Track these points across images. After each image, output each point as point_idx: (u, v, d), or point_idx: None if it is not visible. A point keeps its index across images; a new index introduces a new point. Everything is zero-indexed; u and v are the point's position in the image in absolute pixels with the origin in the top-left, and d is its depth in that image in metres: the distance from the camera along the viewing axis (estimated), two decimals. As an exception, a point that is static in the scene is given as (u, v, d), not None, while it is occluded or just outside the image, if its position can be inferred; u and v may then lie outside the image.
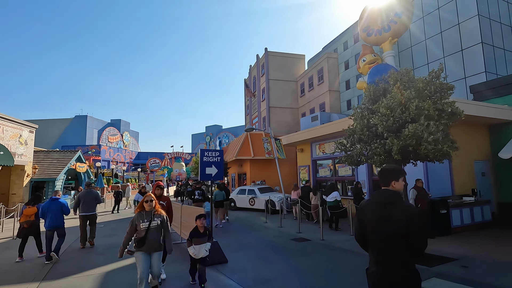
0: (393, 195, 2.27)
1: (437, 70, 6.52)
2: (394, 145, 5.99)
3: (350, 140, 7.40)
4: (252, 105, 27.59)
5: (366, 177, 12.37)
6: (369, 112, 7.27)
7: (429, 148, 5.65)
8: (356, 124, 7.33)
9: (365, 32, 13.53)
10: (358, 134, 7.13)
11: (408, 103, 6.29)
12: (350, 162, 7.58)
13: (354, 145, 7.33)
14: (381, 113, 6.61)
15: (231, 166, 26.97)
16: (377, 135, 6.88)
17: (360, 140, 7.13)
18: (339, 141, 7.74)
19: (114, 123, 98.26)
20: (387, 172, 2.42)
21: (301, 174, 17.08)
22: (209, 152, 6.94)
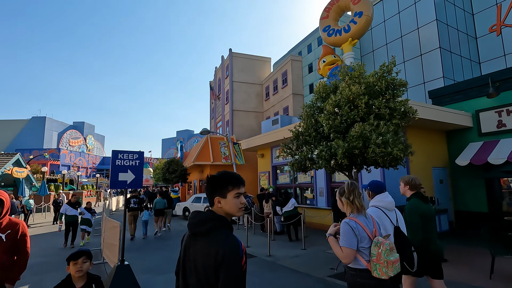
0: (208, 221, 1.46)
1: (388, 63, 5.78)
2: (339, 148, 5.11)
3: (296, 143, 6.47)
4: (216, 108, 26.42)
5: (324, 184, 11.60)
6: (317, 111, 6.40)
7: (377, 151, 4.82)
8: (302, 124, 6.44)
9: (325, 32, 12.98)
10: (304, 135, 6.22)
11: (357, 99, 5.47)
12: (297, 168, 6.64)
13: (301, 148, 6.41)
14: (327, 111, 5.74)
15: (191, 172, 25.51)
16: (324, 137, 6.01)
17: (305, 142, 6.22)
18: (283, 144, 6.81)
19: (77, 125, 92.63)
20: (213, 182, 1.56)
21: (261, 180, 16.10)
22: (124, 154, 5.68)
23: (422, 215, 3.13)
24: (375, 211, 2.81)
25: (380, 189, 2.96)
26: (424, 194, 7.57)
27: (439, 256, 3.20)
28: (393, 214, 2.85)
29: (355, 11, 12.08)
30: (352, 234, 2.27)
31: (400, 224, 2.83)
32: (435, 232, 3.26)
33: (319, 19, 13.62)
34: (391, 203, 2.86)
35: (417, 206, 3.18)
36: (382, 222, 2.72)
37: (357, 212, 2.41)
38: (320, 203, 11.68)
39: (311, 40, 19.15)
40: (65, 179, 38.25)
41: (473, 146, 10.31)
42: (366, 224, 2.35)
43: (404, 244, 2.63)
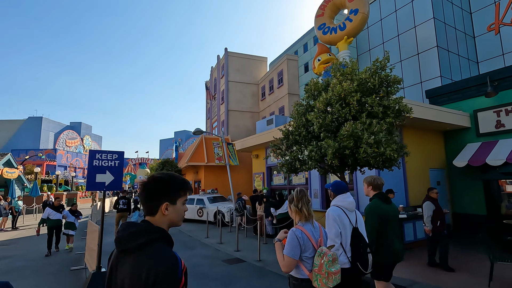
0: (142, 234, 1.21)
1: (382, 59, 5.49)
2: (329, 148, 4.81)
3: (285, 143, 6.17)
4: (212, 108, 26.12)
5: (318, 186, 11.30)
6: (308, 110, 6.11)
7: (368, 151, 4.52)
8: (293, 123, 6.14)
9: (320, 30, 12.70)
10: (293, 135, 5.92)
11: (349, 97, 5.18)
12: (287, 169, 6.34)
13: (291, 149, 6.10)
14: (317, 109, 5.44)
15: (186, 173, 25.16)
16: (315, 136, 5.72)
17: (295, 142, 5.91)
18: (272, 144, 6.50)
19: (74, 126, 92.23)
20: (162, 185, 1.31)
21: (255, 182, 15.78)
22: (102, 154, 5.36)
23: (381, 216, 3.09)
24: (336, 209, 2.80)
25: (341, 189, 2.96)
26: (391, 197, 7.34)
27: (397, 258, 3.15)
28: (353, 215, 2.84)
29: (350, 9, 11.81)
30: (297, 243, 2.25)
31: (359, 225, 2.83)
32: (396, 233, 3.18)
33: (314, 17, 13.34)
34: (351, 203, 2.85)
35: (377, 206, 3.14)
36: (342, 221, 2.73)
37: (305, 220, 2.38)
38: (315, 205, 11.37)
39: (307, 39, 18.86)
40: (59, 180, 37.83)
41: (471, 147, 10.05)
42: (312, 233, 2.34)
43: (359, 246, 2.65)
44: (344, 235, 2.68)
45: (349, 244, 2.66)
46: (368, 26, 15.54)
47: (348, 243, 2.67)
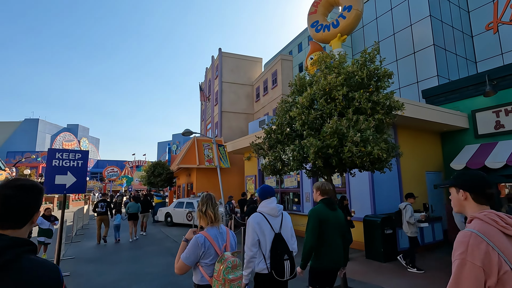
0: (7, 249, 1.04)
1: (371, 50, 5.03)
2: (311, 146, 4.33)
3: (268, 142, 5.69)
4: (206, 110, 25.67)
5: (310, 189, 10.81)
6: (292, 106, 5.64)
7: (354, 150, 4.04)
8: (276, 120, 5.66)
9: (313, 28, 12.28)
10: (276, 133, 5.44)
11: (334, 91, 4.71)
12: (270, 171, 5.85)
13: (273, 148, 5.62)
14: (301, 105, 4.97)
15: (178, 175, 24.63)
16: (299, 135, 5.24)
17: (278, 141, 5.44)
18: (253, 143, 6.03)
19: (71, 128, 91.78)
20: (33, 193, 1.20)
21: (247, 185, 15.29)
22: (63, 153, 4.86)
23: (323, 221, 3.06)
24: (257, 217, 2.78)
25: (266, 194, 2.93)
26: (410, 202, 6.79)
27: (336, 264, 3.09)
28: (277, 220, 2.83)
29: (344, 5, 11.40)
30: (196, 250, 2.22)
31: (284, 230, 2.81)
32: (336, 241, 3.10)
33: (307, 14, 12.94)
34: (274, 209, 2.82)
35: (320, 211, 3.11)
36: (261, 228, 2.71)
37: (211, 225, 2.35)
38: (307, 209, 10.88)
39: (302, 39, 18.45)
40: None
41: (469, 149, 9.59)
42: (217, 239, 2.30)
43: (277, 252, 2.66)
44: (263, 242, 2.69)
45: (268, 251, 2.67)
46: (363, 25, 15.16)
47: (268, 249, 2.67)
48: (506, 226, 1.32)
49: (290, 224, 2.96)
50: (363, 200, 8.81)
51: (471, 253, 1.26)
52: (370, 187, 8.53)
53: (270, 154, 5.43)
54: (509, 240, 1.32)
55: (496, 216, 1.36)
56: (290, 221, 3.00)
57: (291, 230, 2.93)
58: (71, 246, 10.20)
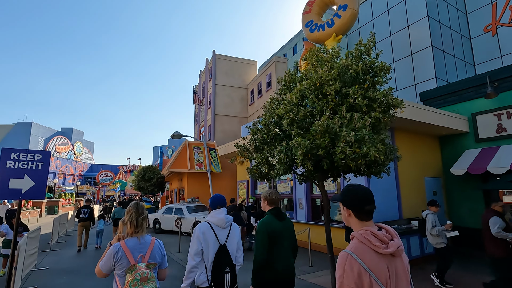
0: None
1: (366, 41, 4.56)
2: (299, 147, 3.82)
3: (253, 143, 5.18)
4: (200, 113, 25.16)
5: (304, 195, 10.28)
6: (280, 103, 5.14)
7: (347, 151, 3.53)
8: (263, 119, 5.15)
9: (307, 28, 11.89)
10: (262, 133, 4.93)
11: (326, 86, 4.22)
12: (257, 175, 5.32)
13: (260, 150, 5.10)
14: (289, 101, 4.48)
15: (170, 180, 23.98)
16: (287, 136, 4.73)
17: (264, 142, 4.92)
18: (238, 144, 5.52)
19: (65, 132, 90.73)
20: None
21: (239, 190, 14.73)
22: (20, 154, 4.30)
23: (271, 233, 2.91)
24: (203, 226, 2.74)
25: (215, 204, 2.91)
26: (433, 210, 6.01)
27: (286, 277, 2.96)
28: (225, 232, 2.79)
29: (339, 4, 11.03)
30: (109, 259, 2.20)
31: (230, 243, 2.78)
32: (282, 253, 2.97)
33: (302, 14, 12.56)
34: (221, 220, 2.78)
35: (268, 223, 2.97)
36: (206, 238, 2.68)
37: (133, 234, 2.31)
38: (300, 217, 10.33)
39: (297, 40, 18.09)
40: (43, 187, 36.33)
41: (469, 154, 9.14)
42: (134, 250, 2.25)
43: (219, 264, 2.63)
44: (206, 253, 2.64)
45: (211, 262, 2.63)
46: (359, 26, 14.81)
47: (211, 261, 2.63)
48: (377, 245, 1.35)
49: (238, 236, 2.90)
50: (359, 207, 8.27)
51: (346, 276, 1.33)
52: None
53: (256, 157, 4.91)
54: (383, 258, 1.36)
55: (371, 235, 1.39)
56: (239, 234, 2.94)
57: (238, 242, 2.88)
58: (48, 255, 9.55)
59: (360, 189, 1.57)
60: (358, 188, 1.58)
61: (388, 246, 1.36)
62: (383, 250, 1.34)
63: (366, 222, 1.50)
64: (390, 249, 1.35)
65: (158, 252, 2.35)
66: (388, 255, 1.37)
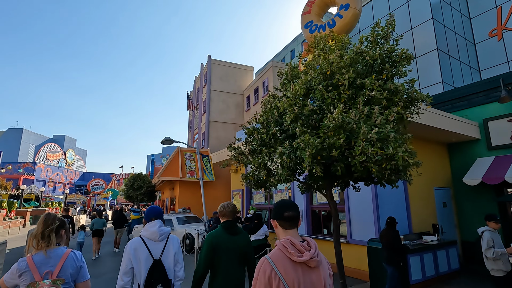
0: None
1: (385, 24, 3.86)
2: (307, 147, 3.05)
3: (250, 145, 4.40)
4: (194, 120, 24.39)
5: (303, 206, 9.47)
6: (281, 99, 4.41)
7: (369, 151, 2.77)
8: (260, 117, 4.39)
9: (307, 29, 11.34)
10: (259, 133, 4.16)
11: (337, 75, 3.49)
12: (253, 182, 4.54)
13: (257, 153, 4.32)
14: (293, 93, 3.74)
15: (162, 189, 23.00)
16: (290, 135, 3.97)
17: (262, 143, 4.15)
18: (231, 146, 4.75)
19: (57, 139, 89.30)
20: None
21: (234, 200, 13.86)
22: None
23: (217, 247, 2.68)
24: (134, 242, 2.56)
25: (149, 216, 2.70)
26: (492, 227, 4.90)
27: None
28: (159, 246, 2.62)
29: (340, 4, 10.50)
30: (13, 273, 2.07)
31: (166, 256, 2.62)
32: (236, 269, 2.73)
33: (301, 15, 12.01)
34: (155, 233, 2.60)
35: (216, 236, 2.74)
36: (137, 255, 2.52)
37: (43, 248, 2.17)
38: (299, 230, 9.48)
39: (295, 45, 17.57)
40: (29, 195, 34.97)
41: (482, 162, 8.47)
42: (40, 265, 2.09)
43: (151, 281, 2.49)
44: (138, 270, 2.49)
45: (143, 279, 2.48)
46: (359, 30, 14.32)
47: (143, 278, 2.48)
48: (292, 252, 1.45)
49: (176, 249, 2.74)
50: (365, 221, 7.49)
51: (259, 278, 1.47)
52: (374, 205, 7.23)
53: (253, 161, 4.12)
54: (298, 266, 1.46)
55: (289, 243, 1.49)
56: (177, 246, 2.76)
57: (176, 256, 2.71)
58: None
59: (284, 201, 1.68)
60: (282, 200, 1.69)
61: (303, 255, 1.44)
62: (296, 258, 1.43)
63: (289, 231, 1.57)
64: (303, 258, 1.43)
65: (72, 265, 2.16)
66: (305, 266, 1.45)
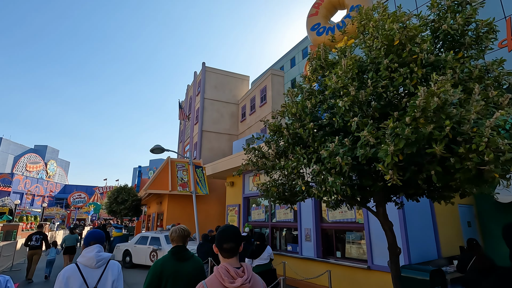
0: None
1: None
2: (395, 139, 1.99)
3: (275, 145, 3.32)
4: (185, 130, 23.18)
5: (312, 224, 8.34)
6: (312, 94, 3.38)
7: (503, 145, 1.73)
8: (290, 108, 3.33)
9: (314, 31, 10.61)
10: (291, 128, 3.10)
11: (408, 44, 2.51)
12: (279, 196, 3.44)
13: (285, 155, 3.24)
14: (345, 70, 2.72)
15: (148, 203, 21.41)
16: (334, 131, 2.93)
17: (295, 141, 3.08)
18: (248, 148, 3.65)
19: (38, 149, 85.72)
20: None
21: (229, 216, 12.60)
22: None
23: (164, 276, 2.47)
24: (68, 270, 2.40)
25: (88, 240, 2.59)
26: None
27: None
28: (96, 273, 2.46)
29: (351, 5, 9.84)
30: None
31: (103, 285, 2.45)
32: None
33: (307, 17, 11.30)
34: (91, 259, 2.44)
35: (162, 263, 2.53)
36: (69, 284, 2.35)
37: None
38: (307, 251, 8.33)
39: (295, 53, 16.92)
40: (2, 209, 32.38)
41: None
42: None
43: None
44: None
45: None
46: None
47: None
48: (225, 279, 1.55)
49: (115, 277, 2.50)
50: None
51: None
52: (402, 224, 6.19)
53: (285, 165, 3.02)
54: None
55: (224, 270, 1.59)
56: (117, 274, 2.53)
57: (115, 284, 2.49)
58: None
59: (225, 229, 1.74)
60: (224, 228, 1.75)
61: (235, 281, 1.54)
62: (228, 285, 1.53)
63: (227, 259, 1.67)
64: (235, 284, 1.53)
65: None
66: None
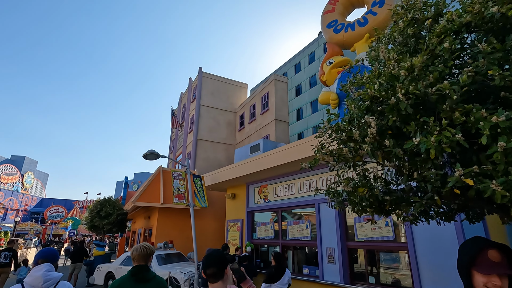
0: None
1: None
2: None
3: (354, 146, 2.13)
4: (177, 139, 21.78)
5: (336, 242, 7.12)
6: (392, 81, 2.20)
7: None
8: (384, 76, 2.17)
9: (330, 28, 9.79)
10: (389, 109, 1.92)
11: None
12: (368, 203, 2.22)
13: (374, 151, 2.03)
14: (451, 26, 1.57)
15: (134, 218, 19.60)
16: (479, 92, 1.77)
17: (389, 126, 1.90)
18: (326, 127, 2.43)
19: (15, 160, 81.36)
20: None
21: (230, 233, 11.20)
22: None
23: None
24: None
25: (36, 258, 2.43)
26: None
27: None
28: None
29: (373, 1, 9.09)
30: None
31: None
32: None
33: (322, 14, 10.50)
34: (37, 279, 2.25)
35: (118, 285, 2.33)
36: None
37: None
38: (330, 276, 7.06)
39: (300, 58, 16.15)
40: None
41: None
42: None
43: None
44: None
45: None
46: (376, 42, 13.14)
47: None
48: None
49: None
50: (443, 266, 5.33)
51: None
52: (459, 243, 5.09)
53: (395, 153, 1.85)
54: None
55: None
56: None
57: None
58: None
59: (209, 254, 1.74)
60: (208, 254, 1.75)
61: None
62: None
63: (213, 284, 1.66)
64: None
65: None
66: None
